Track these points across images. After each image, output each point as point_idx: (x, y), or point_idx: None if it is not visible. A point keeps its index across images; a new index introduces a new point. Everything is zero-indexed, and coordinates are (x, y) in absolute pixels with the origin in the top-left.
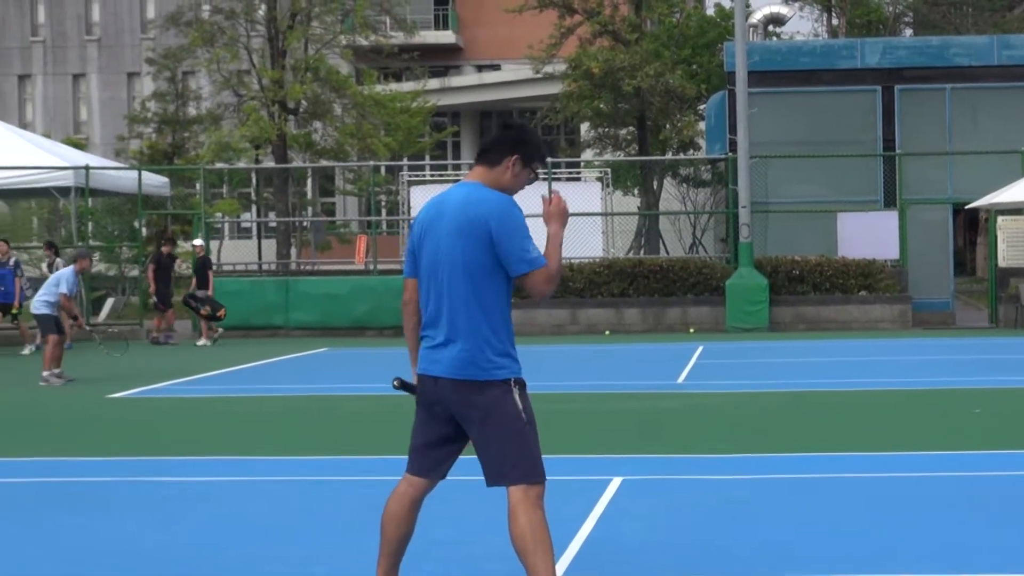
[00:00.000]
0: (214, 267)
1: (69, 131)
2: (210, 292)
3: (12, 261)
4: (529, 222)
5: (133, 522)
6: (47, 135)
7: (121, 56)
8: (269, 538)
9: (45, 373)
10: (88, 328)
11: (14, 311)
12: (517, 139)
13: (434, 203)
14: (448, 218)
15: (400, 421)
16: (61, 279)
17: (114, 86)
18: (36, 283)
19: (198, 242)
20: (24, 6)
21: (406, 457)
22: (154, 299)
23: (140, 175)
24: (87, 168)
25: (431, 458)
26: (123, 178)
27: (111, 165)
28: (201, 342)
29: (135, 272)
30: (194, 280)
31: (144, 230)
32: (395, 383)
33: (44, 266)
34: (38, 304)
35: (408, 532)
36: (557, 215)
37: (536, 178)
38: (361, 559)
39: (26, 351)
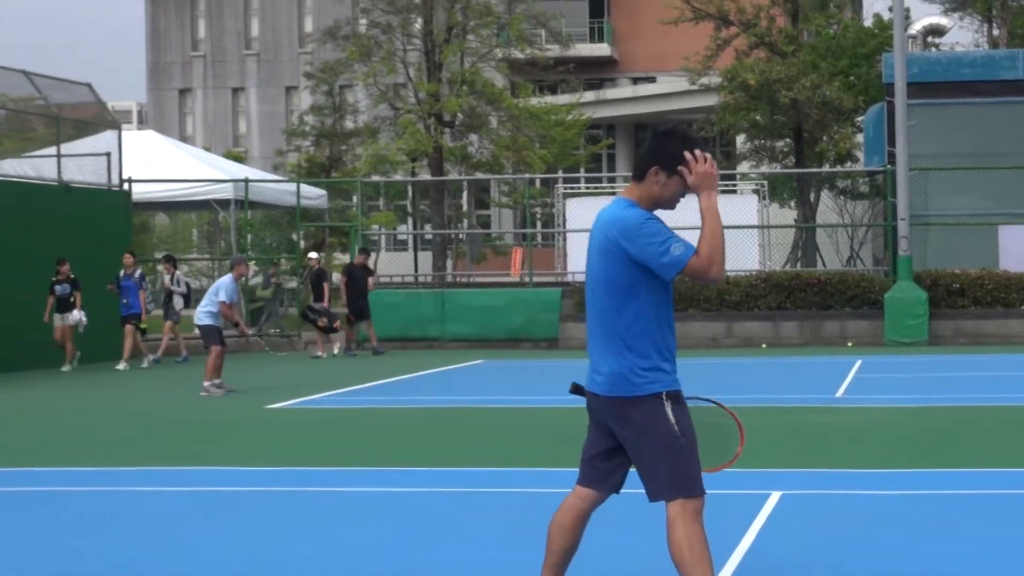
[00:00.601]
0: (376, 277)
1: (228, 144)
2: (325, 304)
3: (137, 273)
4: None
5: (290, 532)
6: (207, 148)
7: (280, 70)
8: (428, 549)
9: (206, 383)
10: (250, 334)
11: (141, 324)
12: (655, 148)
13: (595, 220)
14: (595, 236)
15: (558, 433)
16: (220, 287)
17: (273, 100)
18: (155, 296)
19: (313, 255)
20: (185, 21)
21: (565, 469)
22: (346, 310)
23: (299, 188)
24: (246, 181)
25: (600, 470)
26: (281, 191)
27: (270, 178)
28: (317, 354)
29: (293, 284)
30: (312, 293)
31: (302, 242)
32: (572, 388)
33: (167, 279)
34: (200, 315)
35: (574, 544)
36: (703, 181)
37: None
38: (524, 571)
39: (121, 366)
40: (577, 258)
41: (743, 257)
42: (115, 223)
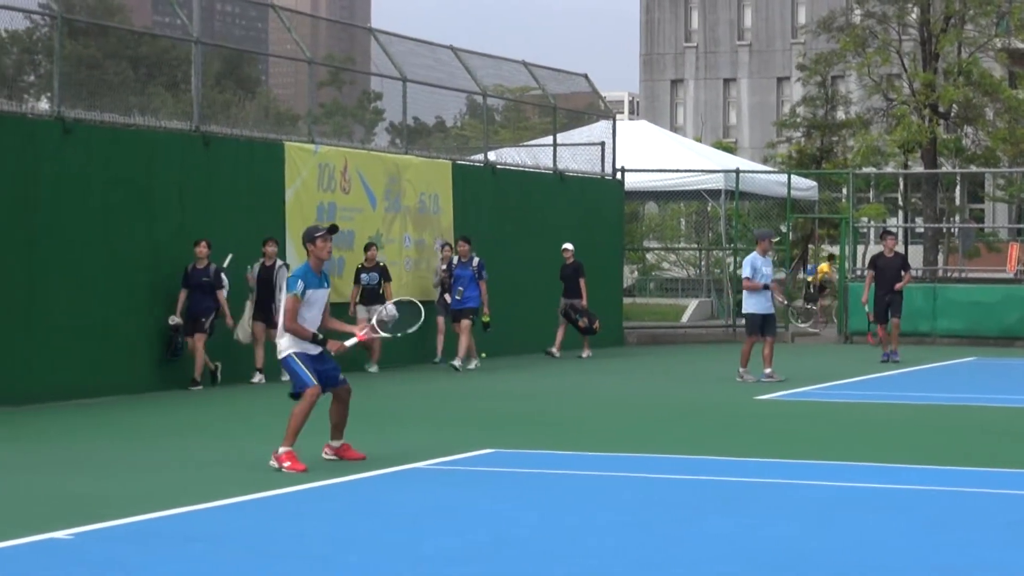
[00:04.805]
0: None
1: (718, 135)
2: (584, 302)
3: (476, 262)
4: None
5: (780, 524)
6: (697, 139)
7: (771, 61)
8: (923, 546)
9: (741, 370)
10: (783, 302)
11: (484, 318)
12: None
13: None
14: None
15: None
16: (745, 264)
17: (763, 91)
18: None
19: (568, 246)
20: (679, 13)
21: None
22: (867, 309)
23: (789, 179)
24: (737, 172)
25: None
26: (771, 181)
27: (760, 168)
28: (585, 354)
29: (780, 275)
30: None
31: (791, 234)
32: None
33: (443, 266)
34: (747, 303)
35: None
36: None
37: None
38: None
39: (457, 363)
40: None
41: None
42: (608, 212)
